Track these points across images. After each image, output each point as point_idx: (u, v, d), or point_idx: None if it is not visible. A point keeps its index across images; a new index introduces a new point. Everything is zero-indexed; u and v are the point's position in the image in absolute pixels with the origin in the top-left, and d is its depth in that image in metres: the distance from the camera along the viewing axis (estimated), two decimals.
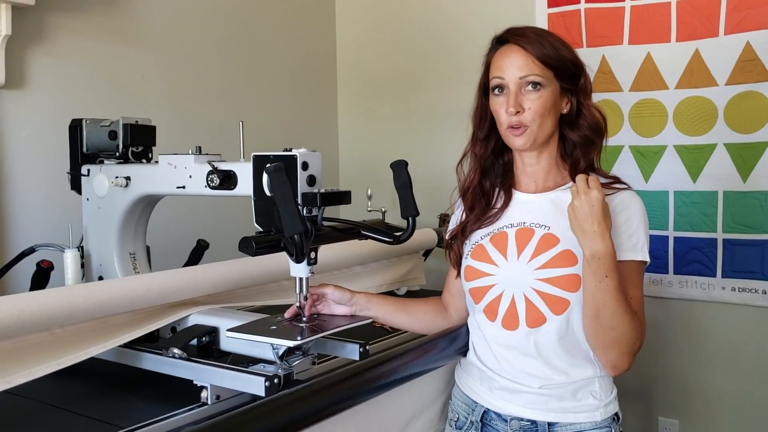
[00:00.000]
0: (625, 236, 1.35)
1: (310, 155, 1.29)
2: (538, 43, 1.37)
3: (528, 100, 1.36)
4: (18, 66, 1.97)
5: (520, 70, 1.36)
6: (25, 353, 1.18)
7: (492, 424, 1.45)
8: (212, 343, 1.38)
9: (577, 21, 2.55)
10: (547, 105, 1.37)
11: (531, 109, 1.36)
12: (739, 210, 2.34)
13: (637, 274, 1.36)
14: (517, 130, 1.38)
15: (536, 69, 1.36)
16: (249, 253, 1.20)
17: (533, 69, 1.36)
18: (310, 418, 1.25)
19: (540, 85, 1.36)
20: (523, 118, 1.37)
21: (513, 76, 1.37)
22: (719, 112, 2.35)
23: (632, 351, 1.33)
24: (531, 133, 1.38)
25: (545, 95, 1.37)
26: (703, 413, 2.48)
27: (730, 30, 2.31)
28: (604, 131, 1.44)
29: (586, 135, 1.42)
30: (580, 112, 1.42)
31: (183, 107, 2.45)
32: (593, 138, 1.43)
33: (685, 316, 2.48)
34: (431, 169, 2.60)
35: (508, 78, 1.37)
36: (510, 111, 1.36)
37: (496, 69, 1.40)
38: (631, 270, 1.35)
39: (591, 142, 1.43)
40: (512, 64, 1.37)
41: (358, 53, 3.13)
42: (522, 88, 1.37)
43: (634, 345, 1.33)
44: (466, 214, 1.50)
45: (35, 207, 2.01)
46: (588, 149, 1.43)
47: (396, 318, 1.52)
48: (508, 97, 1.37)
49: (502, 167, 1.50)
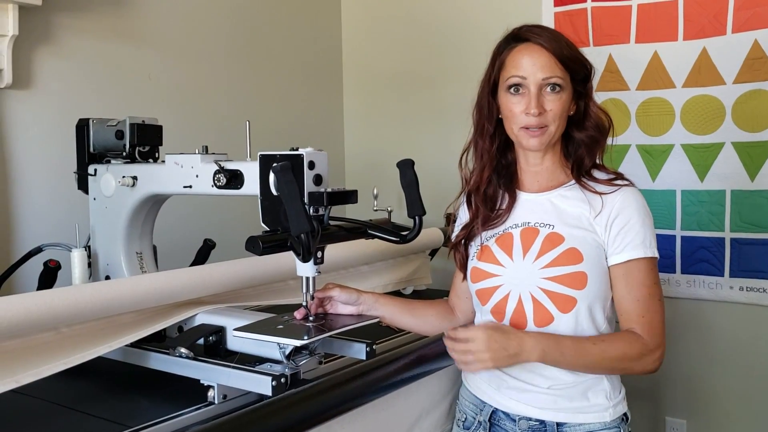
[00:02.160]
0: (629, 236, 1.34)
1: (317, 154, 1.29)
2: (557, 43, 1.35)
3: (548, 101, 1.35)
4: (25, 66, 1.97)
5: (543, 71, 1.34)
6: (32, 352, 1.18)
7: (500, 424, 1.44)
8: (219, 342, 1.38)
9: (584, 19, 2.55)
10: (565, 107, 1.37)
11: (552, 110, 1.35)
12: (747, 209, 2.33)
13: (647, 272, 1.35)
14: (536, 131, 1.36)
15: (558, 71, 1.35)
16: (256, 252, 1.20)
17: (555, 71, 1.34)
18: (317, 417, 1.25)
19: (560, 87, 1.35)
20: (544, 120, 1.35)
21: (535, 77, 1.34)
22: (727, 111, 2.34)
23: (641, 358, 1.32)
24: (549, 135, 1.37)
25: (564, 97, 1.36)
26: (711, 413, 2.47)
27: (738, 28, 2.29)
28: (608, 130, 1.43)
29: (592, 135, 1.42)
30: (586, 112, 1.42)
31: (189, 107, 2.45)
32: (598, 138, 1.42)
33: (692, 316, 2.47)
34: (438, 168, 2.59)
35: (529, 78, 1.35)
36: (533, 112, 1.34)
37: (514, 68, 1.37)
38: (638, 269, 1.34)
39: (596, 142, 1.42)
40: (534, 64, 1.34)
41: (363, 52, 3.13)
42: (542, 89, 1.35)
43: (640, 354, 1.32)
44: (472, 218, 1.49)
45: (42, 207, 2.02)
46: (593, 149, 1.43)
47: (403, 319, 1.52)
48: (529, 98, 1.35)
49: (505, 168, 1.49)
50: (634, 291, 1.35)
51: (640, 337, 1.33)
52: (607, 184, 1.38)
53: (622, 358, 1.33)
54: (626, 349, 1.32)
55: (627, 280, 1.35)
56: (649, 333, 1.33)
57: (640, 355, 1.32)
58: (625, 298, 1.35)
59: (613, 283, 1.37)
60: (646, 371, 1.35)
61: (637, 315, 1.34)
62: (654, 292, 1.35)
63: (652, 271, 1.36)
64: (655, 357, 1.33)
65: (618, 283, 1.36)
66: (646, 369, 1.34)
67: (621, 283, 1.36)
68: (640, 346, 1.32)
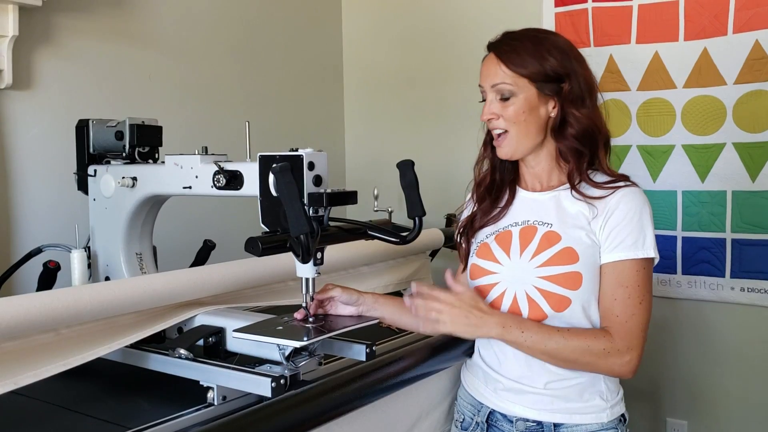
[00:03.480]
0: (621, 236, 1.33)
1: (317, 155, 1.29)
2: (513, 51, 1.38)
3: (500, 107, 1.39)
4: (25, 67, 1.97)
5: (491, 78, 1.39)
6: (31, 353, 1.17)
7: (498, 425, 1.44)
8: (219, 343, 1.37)
9: (585, 20, 2.54)
10: (519, 111, 1.37)
11: (503, 115, 1.39)
12: (748, 210, 2.33)
13: (632, 274, 1.33)
14: (498, 138, 1.41)
15: (506, 77, 1.37)
16: (255, 253, 1.19)
17: (503, 77, 1.38)
18: (317, 418, 1.24)
19: (511, 93, 1.38)
20: (497, 124, 1.40)
21: (487, 84, 1.41)
22: (728, 112, 2.33)
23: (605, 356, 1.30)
24: (511, 140, 1.39)
25: (518, 103, 1.37)
26: (712, 414, 2.46)
27: (739, 29, 2.29)
28: (597, 140, 1.40)
29: (572, 145, 1.39)
30: (564, 120, 1.39)
31: (189, 107, 2.45)
32: (581, 148, 1.39)
33: (693, 317, 2.47)
34: (438, 169, 2.59)
35: (485, 86, 1.41)
36: (484, 118, 1.41)
37: (480, 77, 1.43)
38: (625, 269, 1.33)
39: (579, 152, 1.39)
40: (487, 73, 1.41)
41: (364, 52, 3.13)
42: (496, 96, 1.39)
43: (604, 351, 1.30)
44: (477, 206, 1.52)
45: (42, 207, 2.02)
46: (578, 158, 1.39)
47: (403, 319, 1.51)
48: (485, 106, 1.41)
49: (510, 164, 1.50)
50: (613, 290, 1.34)
51: (607, 334, 1.32)
52: (605, 188, 1.37)
53: (584, 351, 1.31)
54: (590, 343, 1.31)
55: (611, 280, 1.34)
56: (620, 333, 1.31)
57: (605, 352, 1.30)
58: (605, 296, 1.35)
59: (600, 280, 1.36)
60: (615, 373, 1.35)
61: (612, 314, 1.33)
62: (635, 293, 1.33)
63: (640, 273, 1.33)
64: (624, 360, 1.31)
65: (603, 281, 1.35)
66: (613, 370, 1.33)
67: (606, 281, 1.35)
68: (605, 343, 1.31)
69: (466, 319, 1.34)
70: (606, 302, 1.35)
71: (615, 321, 1.33)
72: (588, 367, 1.35)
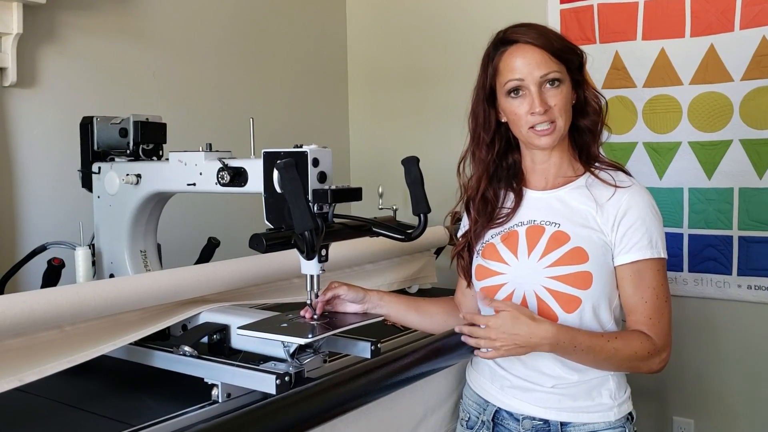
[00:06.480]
0: (636, 236, 1.33)
1: (321, 152, 1.28)
2: (545, 38, 1.36)
3: (551, 96, 1.34)
4: (29, 64, 1.97)
5: (539, 68, 1.34)
6: (36, 351, 1.18)
7: (504, 423, 1.44)
8: (223, 340, 1.37)
9: (590, 16, 2.53)
10: (567, 99, 1.37)
11: (556, 105, 1.34)
12: (755, 207, 2.31)
13: (654, 273, 1.34)
14: (546, 129, 1.35)
15: (553, 65, 1.34)
16: (259, 250, 1.19)
17: (551, 65, 1.34)
18: (322, 416, 1.24)
19: (559, 81, 1.35)
20: (551, 116, 1.34)
21: (533, 76, 1.34)
22: (735, 108, 2.32)
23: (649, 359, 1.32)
24: (559, 130, 1.36)
25: (565, 90, 1.36)
26: (719, 413, 2.45)
27: (746, 24, 2.28)
28: (604, 111, 1.44)
29: (594, 120, 1.43)
30: (586, 99, 1.42)
31: (193, 104, 2.45)
32: (598, 121, 1.43)
33: (700, 315, 2.45)
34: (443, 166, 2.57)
35: (527, 79, 1.34)
36: (538, 111, 1.33)
37: (509, 71, 1.36)
38: (646, 270, 1.33)
39: (596, 125, 1.43)
40: (529, 64, 1.34)
41: (368, 49, 3.12)
42: (542, 86, 1.34)
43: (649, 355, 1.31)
44: (472, 224, 1.47)
45: (47, 205, 2.02)
46: (596, 133, 1.44)
47: (408, 317, 1.51)
48: (531, 98, 1.34)
49: (506, 170, 1.48)
50: (641, 292, 1.34)
51: (650, 338, 1.33)
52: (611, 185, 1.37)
53: (633, 358, 1.32)
54: (638, 349, 1.32)
55: (634, 281, 1.34)
56: (657, 334, 1.33)
57: (649, 355, 1.32)
58: (633, 299, 1.35)
59: (619, 283, 1.36)
60: (651, 371, 1.35)
61: (645, 317, 1.34)
62: (661, 293, 1.34)
63: (659, 272, 1.35)
64: (662, 358, 1.34)
65: (625, 284, 1.35)
66: (651, 369, 1.35)
67: (628, 283, 1.35)
68: (649, 346, 1.32)
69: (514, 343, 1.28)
70: (635, 305, 1.34)
71: (650, 323, 1.33)
72: (630, 370, 1.37)
